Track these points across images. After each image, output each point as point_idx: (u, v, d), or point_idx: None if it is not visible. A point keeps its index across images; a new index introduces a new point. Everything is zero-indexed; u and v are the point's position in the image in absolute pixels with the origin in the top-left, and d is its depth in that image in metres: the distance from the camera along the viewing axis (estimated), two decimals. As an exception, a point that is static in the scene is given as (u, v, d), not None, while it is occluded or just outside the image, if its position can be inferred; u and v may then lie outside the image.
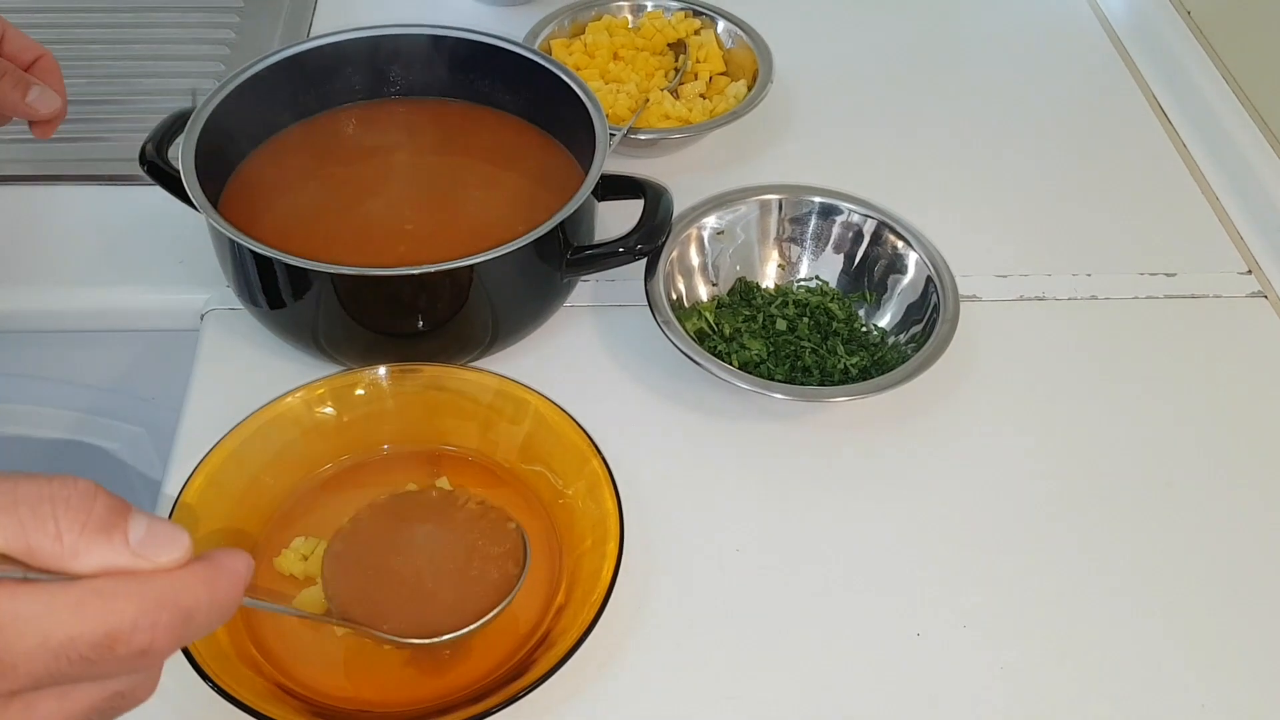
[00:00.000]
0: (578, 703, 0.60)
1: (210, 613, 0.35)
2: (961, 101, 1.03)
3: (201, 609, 0.35)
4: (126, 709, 0.36)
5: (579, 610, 0.60)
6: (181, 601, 0.34)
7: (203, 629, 0.35)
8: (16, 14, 1.05)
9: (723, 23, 0.99)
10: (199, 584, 0.35)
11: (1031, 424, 0.76)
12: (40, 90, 0.64)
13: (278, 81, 0.80)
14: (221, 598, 0.36)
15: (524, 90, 0.83)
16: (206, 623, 0.35)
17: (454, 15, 1.07)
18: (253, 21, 1.06)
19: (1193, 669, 0.63)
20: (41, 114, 0.65)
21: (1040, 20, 1.14)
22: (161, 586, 0.34)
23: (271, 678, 0.59)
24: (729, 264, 0.81)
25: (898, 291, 0.79)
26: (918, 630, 0.64)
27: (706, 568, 0.66)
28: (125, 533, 0.34)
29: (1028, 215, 0.91)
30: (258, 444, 0.66)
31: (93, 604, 0.33)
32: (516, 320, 0.75)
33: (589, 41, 0.98)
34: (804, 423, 0.75)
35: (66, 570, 0.33)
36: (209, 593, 0.35)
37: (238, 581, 0.36)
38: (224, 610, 0.36)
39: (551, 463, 0.67)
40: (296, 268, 0.66)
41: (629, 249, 0.73)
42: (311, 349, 0.73)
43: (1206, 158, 0.96)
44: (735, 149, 0.95)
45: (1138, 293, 0.85)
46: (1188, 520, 0.70)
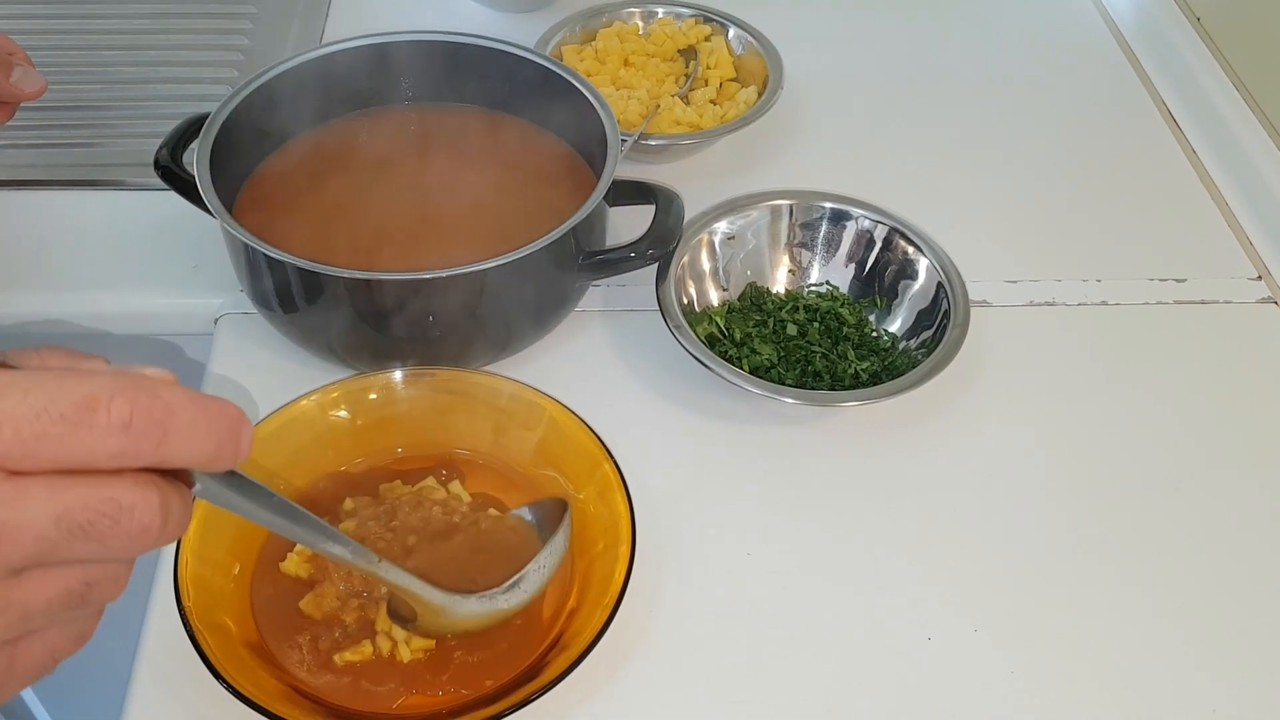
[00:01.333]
0: (591, 705, 0.60)
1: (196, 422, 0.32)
2: (971, 108, 1.03)
3: (185, 411, 0.32)
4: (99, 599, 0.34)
5: (591, 613, 0.60)
6: (162, 393, 0.32)
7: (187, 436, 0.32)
8: (31, 19, 1.06)
9: (733, 29, 1.00)
10: (183, 391, 0.33)
11: (1042, 429, 0.76)
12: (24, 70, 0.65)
13: (291, 88, 0.80)
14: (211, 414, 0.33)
15: (536, 96, 0.83)
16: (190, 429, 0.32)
17: (466, 22, 1.07)
18: (266, 28, 1.07)
19: (1204, 673, 0.63)
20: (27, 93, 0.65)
21: (1050, 27, 1.14)
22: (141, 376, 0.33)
23: (284, 678, 0.59)
24: (740, 269, 0.81)
25: (908, 297, 0.79)
26: (929, 634, 0.64)
27: (718, 571, 0.67)
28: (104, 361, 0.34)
29: (1038, 221, 0.92)
30: (272, 447, 0.66)
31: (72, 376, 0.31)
32: (529, 325, 0.75)
33: (600, 48, 0.99)
34: (814, 427, 0.75)
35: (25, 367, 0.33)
36: (193, 401, 0.33)
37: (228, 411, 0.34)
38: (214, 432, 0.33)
39: (564, 467, 0.68)
40: (310, 272, 0.67)
41: (640, 254, 0.74)
42: (325, 353, 0.74)
43: (1216, 163, 0.96)
44: (746, 155, 0.95)
45: (1148, 299, 0.85)
46: (1197, 525, 0.71)
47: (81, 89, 0.99)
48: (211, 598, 0.60)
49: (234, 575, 0.63)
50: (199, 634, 0.57)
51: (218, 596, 0.61)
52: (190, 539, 0.61)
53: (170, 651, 0.60)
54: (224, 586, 0.61)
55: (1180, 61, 1.04)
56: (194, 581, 0.59)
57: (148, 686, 0.60)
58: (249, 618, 0.62)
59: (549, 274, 0.73)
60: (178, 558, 0.60)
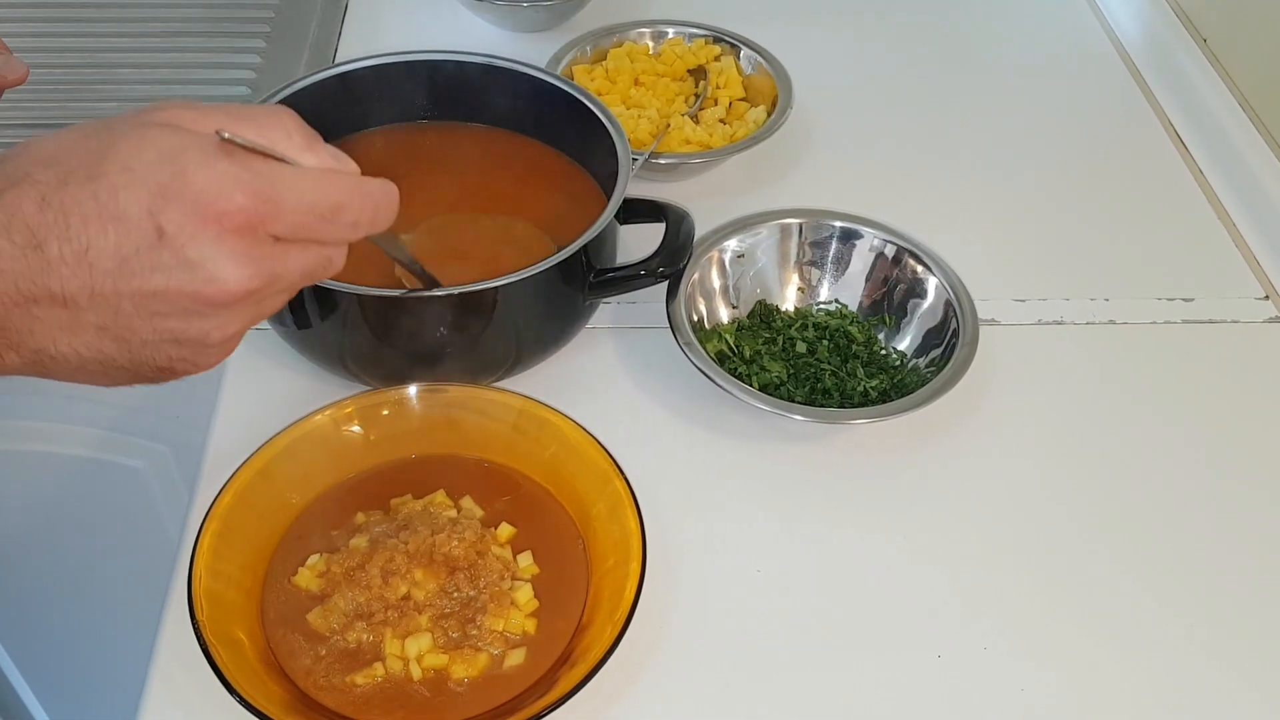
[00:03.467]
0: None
1: (387, 209, 0.48)
2: (980, 127, 1.04)
3: (383, 204, 0.47)
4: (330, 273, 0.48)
5: (602, 629, 0.60)
6: (374, 194, 0.47)
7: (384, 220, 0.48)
8: (45, 38, 1.07)
9: (743, 49, 1.01)
10: (380, 188, 0.47)
11: (1050, 447, 0.76)
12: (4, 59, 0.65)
13: (304, 106, 0.80)
14: (392, 200, 0.48)
15: (547, 115, 0.84)
16: (385, 217, 0.48)
17: (478, 42, 1.08)
18: (279, 46, 1.08)
19: (1215, 691, 0.63)
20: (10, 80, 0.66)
21: (1057, 48, 1.15)
22: (362, 181, 0.47)
23: (296, 692, 0.59)
24: (749, 287, 0.82)
25: (917, 315, 0.80)
26: (938, 652, 0.64)
27: (727, 588, 0.67)
28: (323, 145, 0.47)
29: (1046, 240, 0.92)
30: (286, 462, 0.67)
31: (328, 183, 0.45)
32: (539, 342, 0.76)
33: (610, 67, 0.99)
34: (824, 444, 0.75)
35: (298, 161, 0.45)
36: (385, 193, 0.48)
37: (395, 195, 0.48)
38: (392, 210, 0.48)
39: (575, 482, 0.68)
40: (323, 288, 0.67)
41: (651, 272, 0.74)
42: (337, 369, 0.74)
43: (1223, 183, 0.97)
44: (755, 173, 0.96)
45: (1155, 318, 0.85)
46: (1205, 544, 0.71)
47: (94, 106, 1.00)
48: (224, 611, 0.60)
49: (246, 589, 0.63)
50: (212, 647, 0.57)
51: (230, 610, 0.61)
52: (203, 553, 0.61)
53: (183, 664, 0.61)
54: (236, 600, 0.62)
55: (1187, 82, 1.04)
56: (207, 595, 0.60)
57: (161, 699, 0.60)
58: (260, 631, 0.62)
59: (560, 291, 0.73)
60: (191, 572, 0.60)
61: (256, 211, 0.43)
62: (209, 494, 0.65)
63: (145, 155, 0.42)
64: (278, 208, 0.43)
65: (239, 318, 0.45)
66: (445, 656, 0.60)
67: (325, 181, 0.45)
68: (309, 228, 0.45)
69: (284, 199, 0.43)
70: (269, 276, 0.44)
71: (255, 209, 0.42)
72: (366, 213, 0.47)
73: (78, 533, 1.06)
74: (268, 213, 0.43)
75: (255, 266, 0.43)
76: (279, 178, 0.44)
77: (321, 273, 0.47)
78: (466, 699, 0.60)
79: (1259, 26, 0.99)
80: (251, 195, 0.42)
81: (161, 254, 0.42)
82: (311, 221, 0.44)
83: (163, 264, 0.42)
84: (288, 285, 0.46)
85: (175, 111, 0.45)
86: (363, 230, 0.47)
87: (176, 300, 0.42)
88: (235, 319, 0.45)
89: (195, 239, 0.42)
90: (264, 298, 0.45)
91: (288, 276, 0.45)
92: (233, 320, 0.45)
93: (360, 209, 0.46)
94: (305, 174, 0.45)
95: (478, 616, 0.62)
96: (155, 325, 0.43)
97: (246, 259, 0.43)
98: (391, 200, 0.48)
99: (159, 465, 0.96)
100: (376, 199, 0.47)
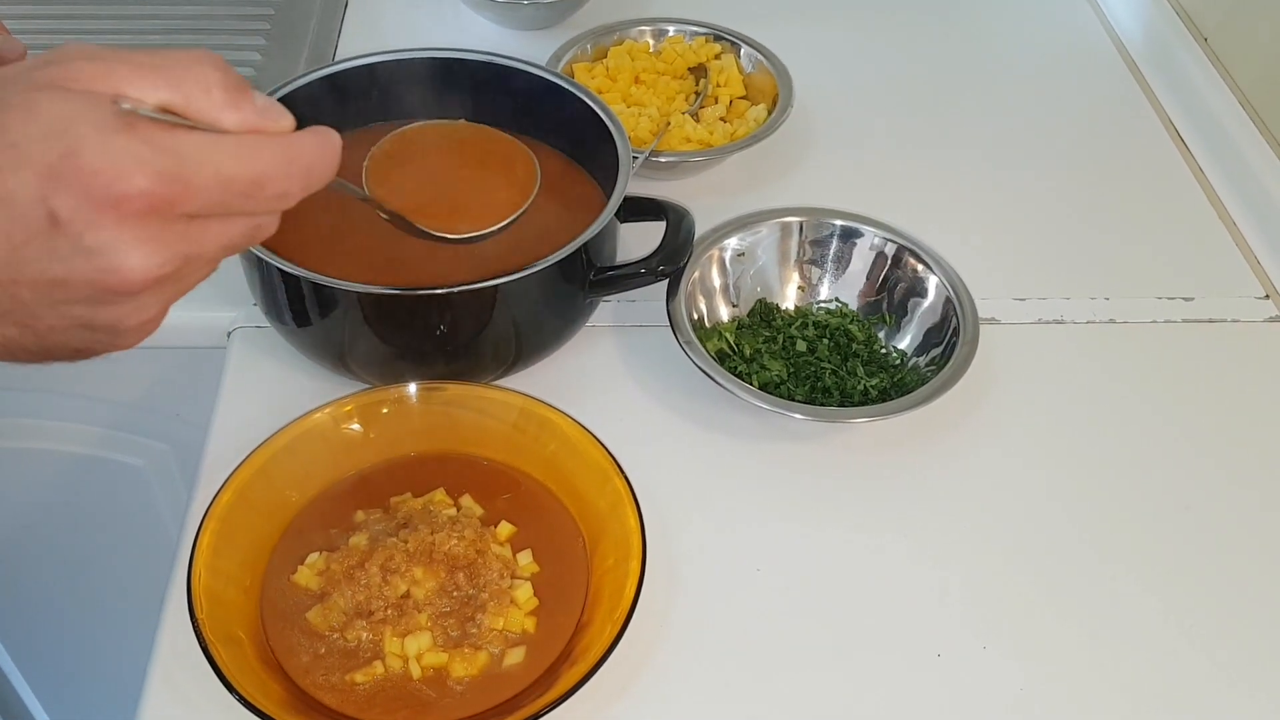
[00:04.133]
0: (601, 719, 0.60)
1: (322, 169, 0.43)
2: (980, 126, 1.04)
3: (317, 165, 0.43)
4: (258, 240, 0.44)
5: (602, 628, 0.60)
6: (305, 157, 0.42)
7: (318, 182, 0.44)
8: (45, 35, 1.07)
9: (743, 47, 1.00)
10: (315, 146, 0.43)
11: (1050, 446, 0.76)
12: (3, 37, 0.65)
13: (304, 104, 0.80)
14: (329, 158, 0.44)
15: (547, 113, 0.84)
16: (320, 178, 0.43)
17: (478, 39, 1.08)
18: (279, 44, 1.08)
19: (1215, 690, 0.63)
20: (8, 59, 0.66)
21: (1058, 47, 1.15)
22: (291, 144, 0.42)
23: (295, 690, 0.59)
24: (750, 285, 0.82)
25: (918, 314, 0.80)
26: (938, 651, 0.64)
27: (727, 587, 0.67)
28: (251, 99, 0.42)
29: (1046, 239, 0.92)
30: (285, 460, 0.67)
31: (248, 152, 0.41)
32: (539, 340, 0.76)
33: (611, 65, 0.99)
34: (824, 443, 0.75)
35: (216, 123, 0.41)
36: (321, 153, 0.43)
37: (337, 146, 0.44)
38: (329, 169, 0.44)
39: (574, 481, 0.68)
40: (323, 286, 0.67)
41: (651, 270, 0.74)
42: (337, 367, 0.74)
43: (1223, 183, 0.97)
44: (755, 172, 0.95)
45: (1156, 317, 0.85)
46: (1207, 544, 0.71)
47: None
48: (224, 610, 0.60)
49: (246, 587, 0.63)
50: (212, 646, 0.57)
51: (230, 609, 0.61)
52: (203, 551, 0.61)
53: (183, 662, 0.61)
54: (236, 599, 0.62)
55: (1187, 81, 1.04)
56: (207, 594, 0.60)
57: (161, 697, 0.60)
58: (260, 630, 0.62)
59: (560, 289, 0.73)
60: (191, 570, 0.60)
61: (161, 194, 0.38)
62: (209, 492, 0.65)
63: (31, 129, 0.38)
64: (186, 187, 0.39)
65: (153, 302, 0.42)
66: (445, 655, 0.60)
67: (244, 151, 0.41)
68: (226, 204, 0.41)
69: (193, 177, 0.39)
70: (181, 259, 0.40)
71: (159, 191, 0.38)
72: (296, 180, 0.42)
73: (77, 531, 1.06)
74: (175, 194, 0.39)
75: (164, 252, 0.40)
76: (187, 152, 0.39)
77: (249, 242, 0.44)
78: (466, 697, 0.60)
79: (1259, 25, 0.99)
80: (154, 177, 0.38)
81: (57, 242, 0.38)
82: (229, 198, 0.41)
83: (59, 252, 0.39)
84: (209, 260, 0.43)
85: (72, 66, 0.39)
86: (294, 198, 0.43)
87: (79, 289, 0.40)
88: (149, 304, 0.42)
89: (93, 226, 0.38)
90: (181, 277, 0.42)
91: (205, 254, 0.42)
92: (147, 306, 0.42)
93: (287, 177, 0.42)
94: (220, 144, 0.40)
95: (477, 615, 0.62)
96: (60, 313, 0.41)
97: (153, 245, 0.39)
98: (328, 157, 0.44)
99: (159, 463, 0.96)
100: (308, 160, 0.43)
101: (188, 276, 0.42)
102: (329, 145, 0.44)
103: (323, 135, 0.44)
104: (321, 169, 0.43)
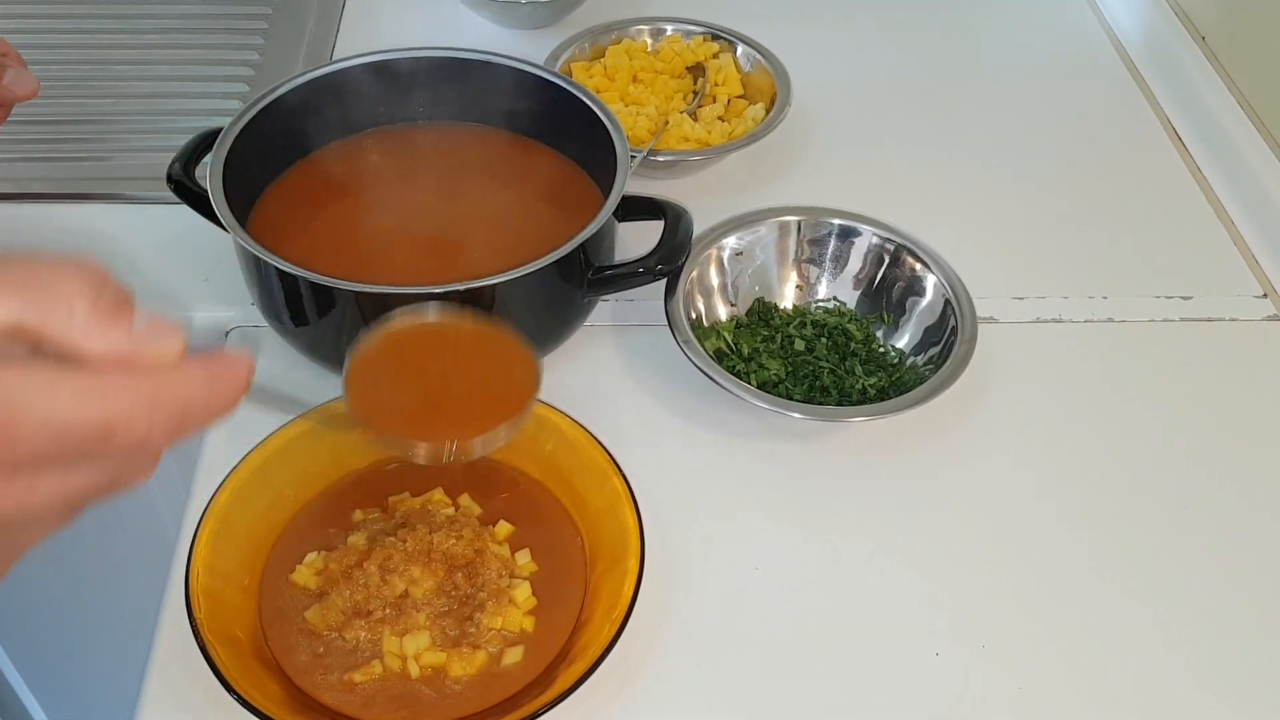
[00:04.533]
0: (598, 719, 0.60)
1: (208, 408, 0.36)
2: (978, 125, 1.04)
3: (199, 404, 0.36)
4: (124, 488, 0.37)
5: (600, 627, 0.60)
6: (179, 395, 0.35)
7: (200, 423, 0.36)
8: (44, 34, 1.07)
9: (741, 46, 1.00)
10: (198, 379, 0.36)
11: (1049, 445, 0.76)
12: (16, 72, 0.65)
13: (302, 104, 0.81)
14: (221, 393, 0.36)
15: (545, 112, 0.84)
16: (204, 417, 0.36)
17: (476, 38, 1.08)
18: (276, 44, 1.08)
19: (1210, 691, 0.63)
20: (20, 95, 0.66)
21: (1057, 46, 1.15)
22: (160, 381, 0.35)
23: (294, 690, 0.59)
24: (748, 284, 0.82)
25: (916, 313, 0.80)
26: (937, 649, 0.64)
27: (725, 586, 0.67)
28: (130, 320, 0.35)
29: (1044, 238, 0.92)
30: (283, 459, 0.67)
31: (94, 393, 0.33)
32: (537, 339, 0.75)
33: (609, 64, 0.99)
34: (822, 443, 0.75)
35: (75, 347, 0.34)
36: (207, 388, 0.36)
37: (237, 383, 0.37)
38: (222, 406, 0.37)
39: (573, 480, 0.68)
40: (321, 286, 0.67)
41: (649, 269, 0.74)
42: (335, 366, 0.74)
43: (1222, 182, 0.97)
44: (753, 171, 0.95)
45: (1154, 315, 0.85)
46: (1205, 542, 0.71)
47: (92, 103, 0.99)
48: (222, 609, 0.60)
49: (244, 586, 0.63)
50: (210, 646, 0.57)
51: (228, 608, 0.61)
52: (201, 551, 0.61)
53: (181, 663, 0.61)
54: (234, 598, 0.62)
55: (1186, 80, 1.04)
56: (205, 593, 0.60)
57: (159, 697, 0.60)
58: (258, 629, 0.62)
59: (558, 289, 0.73)
60: (189, 570, 0.60)
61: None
62: (206, 491, 0.65)
63: None
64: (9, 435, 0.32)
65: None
66: (443, 654, 0.60)
67: (89, 393, 0.33)
68: (64, 455, 0.34)
69: (20, 423, 0.32)
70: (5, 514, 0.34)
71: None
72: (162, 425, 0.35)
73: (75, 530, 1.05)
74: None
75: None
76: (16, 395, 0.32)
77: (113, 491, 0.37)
78: (464, 697, 0.59)
79: (1257, 24, 0.99)
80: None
81: None
82: (65, 448, 0.33)
83: None
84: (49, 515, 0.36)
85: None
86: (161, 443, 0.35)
87: None
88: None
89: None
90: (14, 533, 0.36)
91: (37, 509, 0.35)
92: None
93: (148, 423, 0.34)
94: (59, 384, 0.33)
95: (476, 614, 0.62)
96: None
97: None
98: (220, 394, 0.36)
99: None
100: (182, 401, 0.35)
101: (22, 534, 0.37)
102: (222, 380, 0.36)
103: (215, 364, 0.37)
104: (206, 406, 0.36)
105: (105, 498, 0.37)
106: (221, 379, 0.36)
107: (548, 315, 0.75)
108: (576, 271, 0.73)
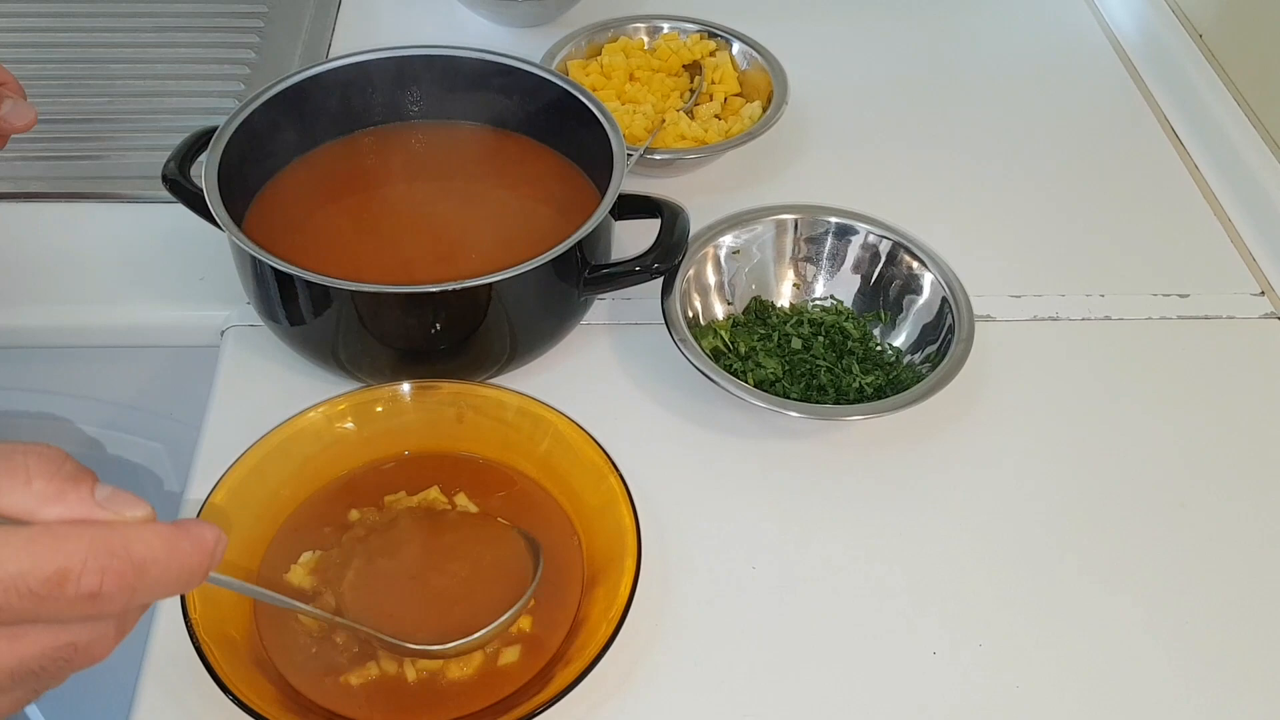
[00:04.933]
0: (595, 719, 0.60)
1: (168, 571, 0.34)
2: (975, 123, 1.04)
3: (158, 564, 0.34)
4: (80, 664, 0.35)
5: (597, 627, 0.60)
6: (135, 551, 0.34)
7: (159, 587, 0.34)
8: (37, 33, 1.06)
9: (738, 44, 1.00)
10: (157, 539, 0.34)
11: (1046, 443, 0.76)
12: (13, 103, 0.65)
13: (298, 102, 0.80)
14: (183, 560, 0.35)
15: (542, 111, 0.84)
16: (163, 580, 0.34)
17: (473, 37, 1.08)
18: (272, 42, 1.08)
19: (1206, 691, 0.63)
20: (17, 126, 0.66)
21: (1054, 44, 1.15)
22: (116, 533, 0.34)
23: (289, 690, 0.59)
24: (745, 283, 0.82)
25: (913, 311, 0.79)
26: (933, 648, 0.64)
27: (722, 585, 0.67)
28: (91, 488, 0.34)
29: (1041, 236, 0.92)
30: (279, 459, 0.66)
31: (44, 541, 0.32)
32: (534, 338, 0.75)
33: (605, 63, 0.99)
34: (819, 441, 0.75)
35: (32, 517, 0.33)
36: (167, 550, 0.34)
37: (202, 548, 0.35)
38: (184, 573, 0.35)
39: (569, 480, 0.68)
40: (317, 284, 0.67)
41: (646, 268, 0.74)
42: (331, 365, 0.74)
43: (1219, 180, 0.97)
44: (750, 169, 0.95)
45: (1151, 314, 0.85)
46: (1201, 541, 0.71)
47: (87, 102, 0.99)
48: (217, 610, 0.60)
49: (240, 587, 0.63)
50: (205, 646, 0.57)
51: (223, 608, 0.61)
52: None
53: (176, 663, 0.60)
54: (230, 598, 0.61)
55: (1183, 78, 1.04)
56: (200, 593, 0.59)
57: (154, 698, 0.60)
58: (254, 629, 0.62)
59: (555, 287, 0.73)
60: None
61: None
62: (202, 491, 0.65)
63: None
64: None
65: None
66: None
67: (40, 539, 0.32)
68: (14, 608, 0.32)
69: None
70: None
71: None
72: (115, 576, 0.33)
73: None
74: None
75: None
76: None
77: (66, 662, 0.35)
78: (461, 697, 0.59)
79: (1255, 22, 0.99)
80: None
81: None
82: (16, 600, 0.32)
83: None
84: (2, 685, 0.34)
85: None
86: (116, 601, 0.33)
87: None
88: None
89: None
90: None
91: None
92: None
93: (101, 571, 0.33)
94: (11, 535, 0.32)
95: (473, 614, 0.62)
96: None
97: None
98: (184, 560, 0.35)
99: (153, 462, 0.96)
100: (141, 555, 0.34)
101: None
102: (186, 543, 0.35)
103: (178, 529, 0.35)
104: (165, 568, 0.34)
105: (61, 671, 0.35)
106: (185, 540, 0.35)
107: (544, 314, 0.75)
108: (573, 270, 0.73)
